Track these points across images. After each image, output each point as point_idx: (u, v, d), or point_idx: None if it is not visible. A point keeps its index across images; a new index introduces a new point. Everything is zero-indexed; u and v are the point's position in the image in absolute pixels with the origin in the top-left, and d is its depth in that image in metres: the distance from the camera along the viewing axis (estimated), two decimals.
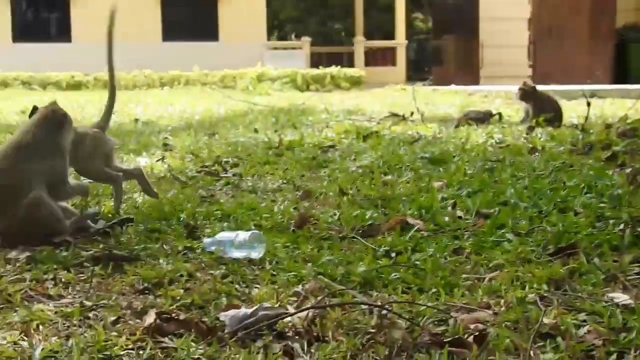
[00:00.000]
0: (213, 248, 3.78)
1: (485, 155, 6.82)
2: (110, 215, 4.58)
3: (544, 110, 9.60)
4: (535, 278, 3.32)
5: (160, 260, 3.64)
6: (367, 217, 4.47)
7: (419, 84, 22.68)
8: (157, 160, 6.80)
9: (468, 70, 25.28)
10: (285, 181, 5.82)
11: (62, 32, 29.38)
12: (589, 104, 9.24)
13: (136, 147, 7.77)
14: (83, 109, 13.58)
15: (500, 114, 10.20)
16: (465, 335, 2.68)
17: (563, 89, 15.66)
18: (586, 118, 9.13)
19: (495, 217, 4.38)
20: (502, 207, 4.62)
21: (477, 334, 2.66)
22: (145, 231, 4.20)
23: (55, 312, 2.95)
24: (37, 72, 25.81)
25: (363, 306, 2.98)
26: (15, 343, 2.63)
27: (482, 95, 17.45)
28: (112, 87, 4.92)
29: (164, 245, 3.92)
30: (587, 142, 7.14)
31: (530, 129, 8.69)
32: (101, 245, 3.90)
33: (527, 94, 9.94)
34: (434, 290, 3.21)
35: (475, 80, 24.55)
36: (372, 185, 5.49)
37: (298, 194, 5.26)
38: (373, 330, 2.73)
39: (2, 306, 3.03)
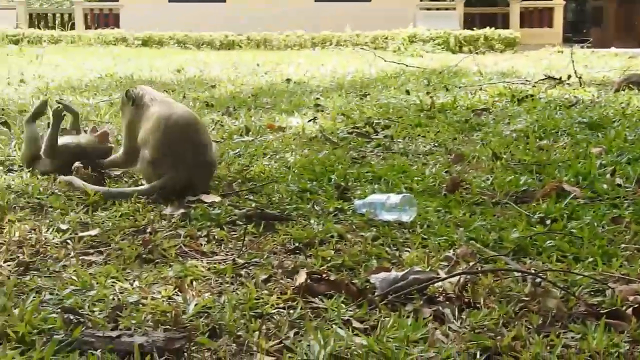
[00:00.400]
0: (364, 210, 3.78)
1: None
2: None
3: None
4: None
5: (311, 221, 3.66)
6: (521, 182, 4.38)
7: (577, 46, 22.01)
8: (309, 121, 6.84)
9: (629, 33, 24.41)
10: (436, 144, 5.76)
11: None
12: None
13: (288, 108, 7.83)
14: (236, 68, 13.78)
15: None
16: (624, 307, 2.60)
17: None
18: None
19: None
20: None
21: (636, 306, 2.58)
22: (297, 191, 4.23)
23: (208, 269, 3.01)
24: (192, 31, 26.34)
25: (516, 273, 2.93)
26: (169, 297, 2.70)
27: None
28: None
29: (315, 206, 3.94)
30: None
31: None
32: (254, 204, 3.95)
33: None
34: (590, 259, 3.13)
35: (636, 43, 23.65)
36: (527, 150, 5.37)
37: (450, 158, 5.19)
38: (526, 299, 2.68)
39: (157, 261, 3.11)
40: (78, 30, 27.70)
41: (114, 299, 2.66)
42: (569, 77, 10.51)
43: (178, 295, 2.71)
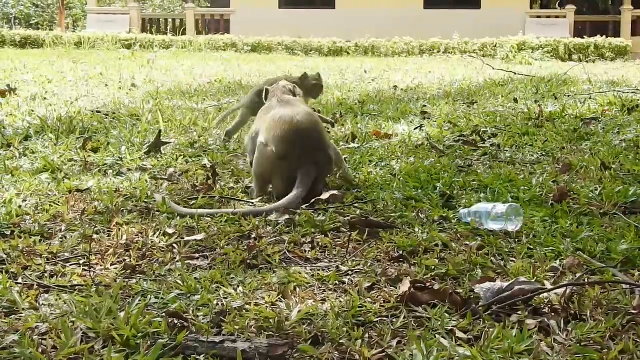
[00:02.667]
0: (469, 219, 3.74)
1: None
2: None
3: None
4: None
5: (416, 229, 3.63)
6: (630, 193, 4.27)
7: None
8: (415, 129, 6.80)
9: None
10: (544, 153, 5.65)
11: None
12: None
13: (395, 115, 7.80)
14: (343, 75, 13.81)
15: None
16: None
17: None
18: None
19: None
20: None
21: None
22: (402, 199, 4.20)
23: (312, 275, 3.01)
24: (300, 37, 26.52)
25: (624, 285, 2.85)
26: (273, 304, 2.70)
27: None
28: None
29: (420, 214, 3.91)
30: None
31: None
32: (358, 211, 3.94)
33: None
34: None
35: None
36: (637, 161, 5.23)
37: (558, 167, 5.09)
38: (634, 311, 2.61)
39: (261, 267, 3.13)
40: (189, 35, 28.18)
41: (218, 304, 2.68)
42: None
43: (281, 301, 2.71)
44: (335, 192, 4.17)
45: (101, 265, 3.11)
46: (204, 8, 34.37)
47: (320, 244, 3.43)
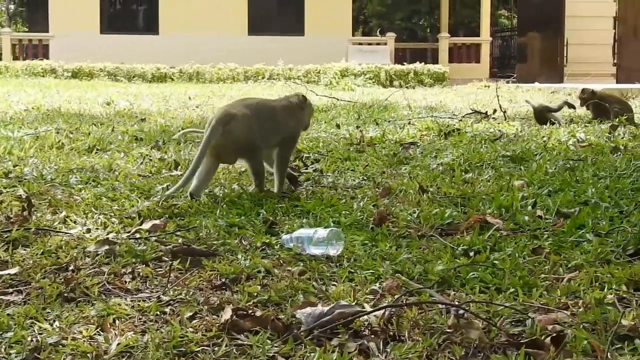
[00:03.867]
0: (291, 244, 3.77)
1: (567, 154, 6.70)
2: None
3: (606, 112, 9.65)
4: (614, 279, 3.28)
5: (239, 256, 3.64)
6: (446, 215, 4.42)
7: (503, 81, 22.36)
8: None
9: (552, 68, 24.81)
10: (365, 178, 5.77)
11: (150, 24, 29.63)
12: None
13: None
14: (167, 102, 13.69)
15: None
16: (543, 337, 2.64)
17: None
18: None
19: (575, 217, 4.31)
20: (583, 207, 4.56)
21: (554, 335, 2.61)
22: (225, 226, 4.20)
23: (132, 307, 2.96)
24: (123, 63, 26.11)
25: (440, 305, 2.93)
26: (91, 337, 2.64)
27: (565, 93, 17.11)
28: None
29: (243, 241, 3.91)
30: None
31: (613, 128, 8.49)
32: (180, 240, 3.90)
33: (586, 100, 9.98)
34: (512, 290, 3.17)
35: (559, 79, 24.09)
36: (453, 184, 5.42)
37: (378, 191, 5.21)
38: (450, 330, 2.70)
39: (79, 299, 3.04)
40: (5, 61, 27.14)
41: (32, 340, 2.58)
42: (495, 111, 10.67)
43: (100, 335, 2.65)
44: (156, 221, 4.12)
45: None
46: (21, 33, 33.31)
47: (141, 274, 3.37)
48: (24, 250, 3.70)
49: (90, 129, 8.42)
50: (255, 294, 3.09)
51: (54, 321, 2.79)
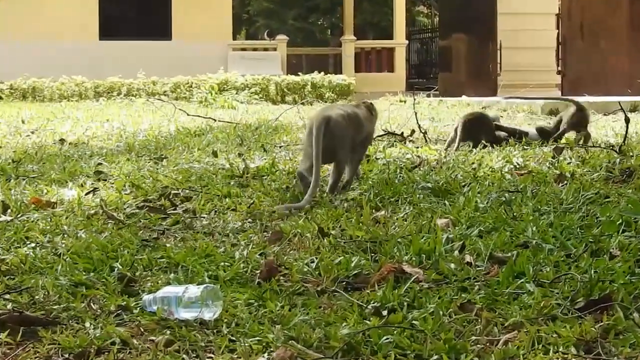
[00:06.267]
0: (155, 307, 3.75)
1: (502, 184, 6.80)
2: None
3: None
4: (561, 339, 3.34)
5: (86, 324, 3.60)
6: (352, 265, 4.45)
7: (422, 95, 22.75)
8: (87, 193, 6.74)
9: (483, 78, 25.36)
10: (250, 219, 5.78)
11: None
12: (627, 120, 9.22)
13: (61, 176, 7.69)
14: None
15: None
16: None
17: (597, 100, 15.76)
18: (625, 138, 9.10)
19: (512, 262, 4.37)
20: (522, 250, 4.63)
21: None
22: (68, 285, 4.15)
23: None
24: None
25: None
26: None
27: (500, 108, 17.48)
28: None
29: (92, 304, 3.87)
30: (625, 168, 7.14)
31: (558, 151, 8.68)
32: (9, 305, 3.84)
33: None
34: (435, 357, 3.21)
35: (491, 90, 24.60)
36: (360, 224, 5.46)
37: (266, 236, 5.23)
38: None
39: None
40: None
41: None
42: (412, 132, 10.80)
43: None
44: None
45: None
46: None
47: None
48: None
49: None
50: None
51: None
